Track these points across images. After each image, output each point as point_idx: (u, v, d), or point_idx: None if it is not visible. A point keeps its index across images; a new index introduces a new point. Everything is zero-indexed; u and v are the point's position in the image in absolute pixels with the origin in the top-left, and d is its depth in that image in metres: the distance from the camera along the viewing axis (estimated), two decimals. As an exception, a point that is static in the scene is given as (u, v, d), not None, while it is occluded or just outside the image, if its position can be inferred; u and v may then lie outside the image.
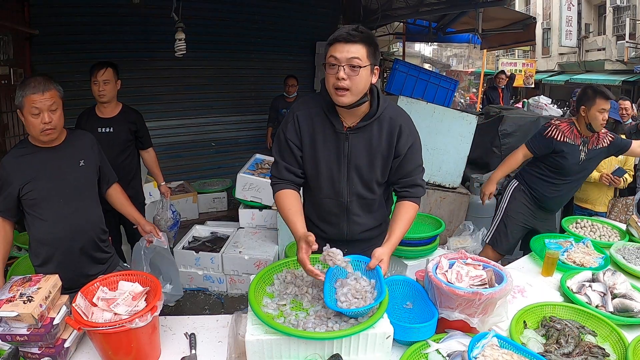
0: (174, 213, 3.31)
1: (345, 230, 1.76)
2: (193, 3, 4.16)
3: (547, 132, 2.64)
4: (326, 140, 1.61)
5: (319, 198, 1.72)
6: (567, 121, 2.67)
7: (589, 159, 2.65)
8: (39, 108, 1.68)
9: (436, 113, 4.23)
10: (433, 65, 22.53)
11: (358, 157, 1.61)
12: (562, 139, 2.61)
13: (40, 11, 4.31)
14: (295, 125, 1.62)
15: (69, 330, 1.44)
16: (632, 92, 13.71)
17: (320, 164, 1.64)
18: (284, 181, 1.66)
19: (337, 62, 1.44)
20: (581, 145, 2.62)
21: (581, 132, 2.62)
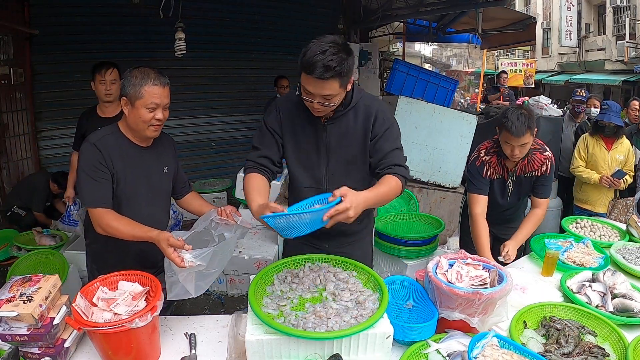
0: (175, 213, 3.31)
1: None
2: (193, 3, 4.16)
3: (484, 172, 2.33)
4: (306, 131, 1.66)
5: (301, 188, 1.73)
6: (495, 153, 2.33)
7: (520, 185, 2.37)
8: (158, 103, 1.63)
9: (436, 113, 4.24)
10: (433, 65, 22.52)
11: (337, 146, 1.66)
12: (493, 175, 2.34)
13: (40, 11, 4.31)
14: (278, 115, 1.67)
15: (69, 330, 1.44)
16: (632, 92, 13.69)
17: (301, 154, 1.68)
18: (258, 165, 1.65)
19: (311, 96, 1.49)
20: (509, 177, 2.35)
21: (507, 165, 2.32)
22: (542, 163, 2.28)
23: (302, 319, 1.36)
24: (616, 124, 3.50)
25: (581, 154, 3.71)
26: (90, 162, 1.59)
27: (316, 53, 1.41)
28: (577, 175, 3.73)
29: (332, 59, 1.41)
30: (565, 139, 4.48)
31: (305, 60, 1.43)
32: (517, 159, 2.23)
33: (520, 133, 2.08)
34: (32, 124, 4.47)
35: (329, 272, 1.60)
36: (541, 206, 2.35)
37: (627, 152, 3.59)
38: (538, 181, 2.33)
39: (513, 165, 2.31)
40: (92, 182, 1.58)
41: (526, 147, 2.16)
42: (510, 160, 2.25)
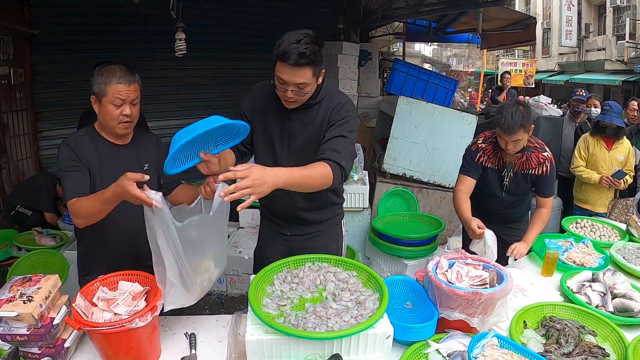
0: (175, 214, 3.31)
1: (287, 206, 1.83)
2: (193, 3, 4.16)
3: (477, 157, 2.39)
4: (274, 117, 1.73)
5: None
6: (492, 142, 2.37)
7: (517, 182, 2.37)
8: (123, 99, 1.63)
9: (436, 113, 4.24)
10: (433, 65, 22.54)
11: (297, 136, 1.72)
12: (486, 163, 2.38)
13: (40, 11, 4.31)
14: (251, 100, 1.76)
15: (69, 330, 1.44)
16: (632, 92, 13.69)
17: (266, 138, 1.75)
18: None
19: (285, 84, 1.55)
20: (505, 171, 2.36)
21: (504, 156, 2.34)
22: (540, 162, 2.29)
23: (302, 319, 1.36)
24: (617, 124, 3.50)
25: (581, 153, 3.71)
26: (65, 161, 1.60)
27: (291, 42, 1.49)
28: (577, 175, 3.74)
29: (306, 47, 1.48)
30: (565, 139, 4.48)
31: (280, 50, 1.50)
32: (511, 153, 2.26)
33: (512, 131, 2.13)
34: (32, 124, 4.47)
35: (329, 272, 1.60)
36: (546, 205, 2.39)
37: (627, 152, 3.59)
38: (539, 181, 2.34)
39: (510, 158, 2.33)
40: (68, 178, 1.59)
41: (520, 144, 2.20)
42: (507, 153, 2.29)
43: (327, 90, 1.73)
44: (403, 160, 4.22)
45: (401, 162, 4.22)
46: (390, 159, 4.21)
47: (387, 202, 4.07)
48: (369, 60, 6.87)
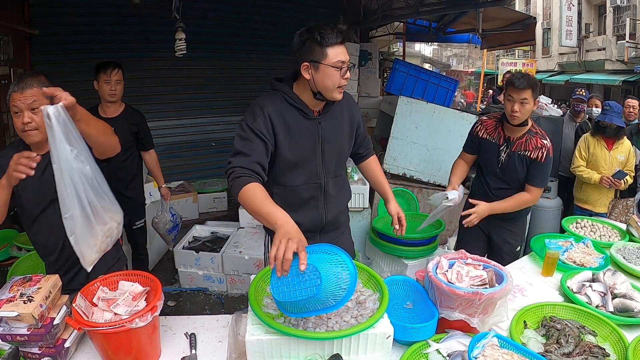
0: (174, 216, 3.30)
1: (323, 213, 1.84)
2: (193, 3, 4.16)
3: (474, 128, 2.55)
4: (300, 128, 1.68)
5: (294, 188, 1.75)
6: (495, 118, 2.49)
7: (513, 162, 2.38)
8: (19, 107, 1.57)
9: (436, 113, 4.23)
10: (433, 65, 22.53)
11: (330, 138, 1.75)
12: (483, 135, 2.47)
13: (40, 11, 4.31)
14: (266, 121, 1.61)
15: (69, 330, 1.44)
16: (632, 92, 13.68)
17: (299, 152, 1.70)
18: (252, 173, 1.54)
19: (344, 64, 1.60)
20: (503, 146, 2.40)
21: (505, 132, 2.40)
22: (537, 147, 2.33)
23: (303, 319, 1.35)
24: (617, 124, 3.50)
25: (582, 153, 3.71)
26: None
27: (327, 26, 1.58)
28: (578, 175, 3.74)
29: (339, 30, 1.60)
30: (566, 139, 4.48)
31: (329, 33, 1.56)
32: (516, 119, 2.26)
33: (522, 86, 2.20)
34: (33, 124, 4.47)
35: (329, 272, 1.60)
36: (532, 193, 2.38)
37: (627, 153, 3.59)
38: (533, 167, 2.34)
39: (511, 133, 2.38)
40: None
41: (526, 108, 2.23)
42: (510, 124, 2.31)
43: None
44: (403, 160, 4.22)
45: (401, 162, 4.22)
46: (390, 159, 4.21)
47: (387, 202, 4.06)
48: (369, 60, 6.87)
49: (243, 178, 1.51)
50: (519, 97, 2.22)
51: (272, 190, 1.72)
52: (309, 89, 1.65)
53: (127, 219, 3.11)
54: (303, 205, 1.78)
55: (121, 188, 2.99)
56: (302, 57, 1.59)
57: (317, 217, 1.83)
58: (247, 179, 1.51)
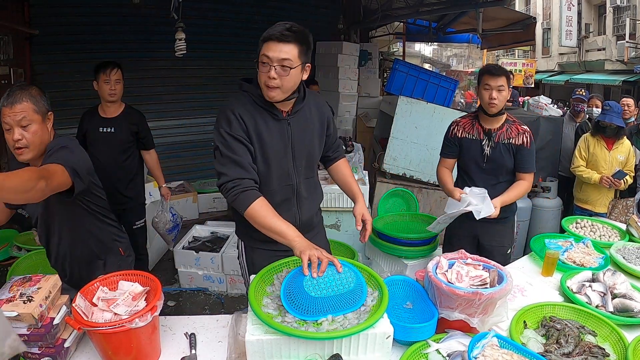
0: (174, 216, 3.30)
1: (297, 215, 1.79)
2: (193, 3, 4.16)
3: (450, 131, 2.50)
4: (270, 130, 1.64)
5: (270, 190, 1.69)
6: (469, 116, 2.49)
7: (499, 152, 2.36)
8: (10, 124, 1.49)
9: (436, 113, 4.24)
10: (433, 65, 22.53)
11: (300, 139, 1.72)
12: (462, 134, 2.44)
13: (40, 11, 4.31)
14: (240, 122, 1.59)
15: (69, 330, 1.44)
16: (632, 92, 13.69)
17: (270, 154, 1.66)
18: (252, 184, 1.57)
19: (269, 61, 1.51)
20: (484, 140, 2.38)
21: (483, 125, 2.40)
22: (519, 132, 2.37)
23: (304, 321, 1.35)
24: (617, 124, 3.50)
25: (582, 153, 3.71)
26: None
27: (278, 24, 1.53)
28: (578, 175, 3.74)
29: (292, 26, 1.52)
30: (566, 139, 4.48)
31: (267, 31, 1.52)
32: (494, 107, 2.29)
33: (497, 72, 2.27)
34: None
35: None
36: (527, 179, 2.41)
37: (627, 153, 3.59)
38: (520, 154, 2.36)
39: (489, 124, 2.38)
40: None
41: (503, 95, 2.27)
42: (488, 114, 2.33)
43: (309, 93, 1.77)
44: (403, 160, 4.22)
45: (401, 162, 4.22)
46: (390, 159, 4.21)
47: (387, 202, 4.06)
48: (369, 60, 6.87)
49: (248, 192, 1.55)
50: (496, 84, 2.25)
51: None
52: None
53: (127, 219, 3.12)
54: (276, 208, 1.65)
55: (121, 188, 2.99)
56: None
57: (290, 219, 1.71)
58: (253, 194, 1.55)
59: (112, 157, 2.92)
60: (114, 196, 2.97)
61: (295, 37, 1.51)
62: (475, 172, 2.44)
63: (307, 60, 1.59)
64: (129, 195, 3.03)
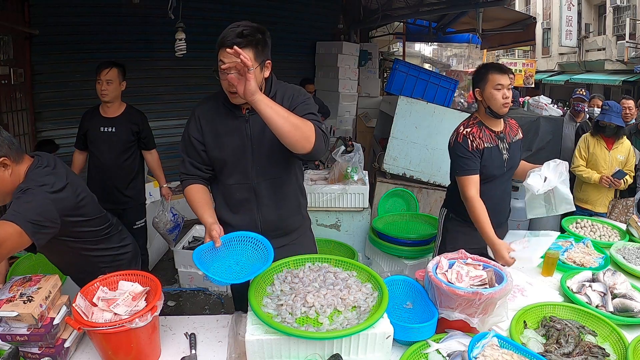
0: (175, 216, 3.30)
1: (257, 218, 1.74)
2: (193, 3, 4.16)
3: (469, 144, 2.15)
4: (228, 127, 1.66)
5: (228, 186, 1.73)
6: (476, 125, 2.20)
7: (515, 153, 2.25)
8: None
9: (436, 113, 4.24)
10: (433, 65, 22.51)
11: (261, 136, 1.64)
12: (482, 145, 2.15)
13: (40, 11, 4.31)
14: (196, 122, 1.70)
15: (69, 330, 1.44)
16: (632, 92, 13.68)
17: (226, 151, 1.67)
18: (191, 176, 1.73)
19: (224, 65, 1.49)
20: (500, 144, 2.19)
21: (493, 129, 2.19)
22: (517, 126, 2.31)
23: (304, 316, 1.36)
24: (617, 124, 3.50)
25: (582, 153, 3.71)
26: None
27: (230, 28, 1.50)
28: (578, 175, 3.73)
29: (244, 29, 1.49)
30: (566, 139, 4.48)
31: (220, 37, 1.50)
32: (508, 106, 2.12)
33: (507, 71, 2.13)
34: (32, 124, 4.47)
35: (329, 272, 1.60)
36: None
37: (627, 152, 3.59)
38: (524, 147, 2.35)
39: (497, 126, 2.21)
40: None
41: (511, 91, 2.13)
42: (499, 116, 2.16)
43: (278, 84, 1.69)
44: (403, 160, 4.22)
45: (401, 162, 4.22)
46: (390, 159, 4.21)
47: (387, 202, 4.07)
48: (369, 60, 6.87)
49: (184, 182, 1.74)
50: (507, 82, 2.10)
51: (214, 186, 1.80)
52: None
53: (128, 219, 3.12)
54: (238, 206, 1.74)
55: (122, 187, 2.99)
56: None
57: (252, 220, 1.73)
58: (187, 182, 1.73)
59: (112, 156, 2.92)
60: (114, 196, 2.98)
61: (249, 41, 1.47)
62: (495, 181, 2.22)
63: (266, 58, 1.57)
64: (129, 195, 3.03)
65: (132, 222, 3.13)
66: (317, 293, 1.46)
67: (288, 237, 1.82)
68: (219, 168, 1.73)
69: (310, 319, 1.37)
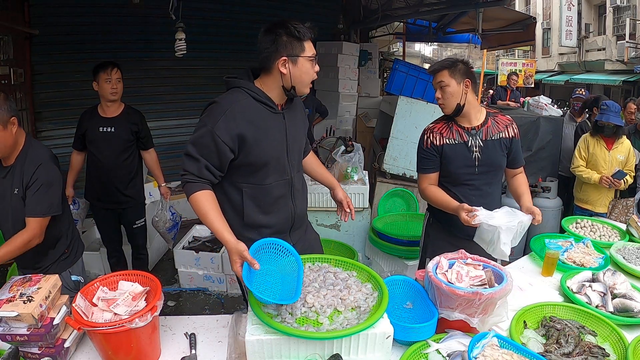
0: (174, 215, 3.31)
1: (291, 211, 1.80)
2: (193, 3, 4.16)
3: (424, 142, 2.11)
4: (268, 126, 1.65)
5: (265, 187, 1.70)
6: (443, 119, 2.14)
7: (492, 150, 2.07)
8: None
9: (436, 113, 4.19)
10: (433, 65, 22.48)
11: (294, 132, 1.76)
12: (441, 142, 2.07)
13: (40, 11, 4.31)
14: (229, 122, 1.56)
15: (69, 330, 1.44)
16: (632, 92, 13.70)
17: (267, 150, 1.66)
18: (201, 180, 1.59)
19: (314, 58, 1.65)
20: (470, 141, 2.06)
21: (463, 125, 2.08)
22: (507, 123, 2.12)
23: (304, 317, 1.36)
24: (615, 123, 3.50)
25: (581, 153, 3.71)
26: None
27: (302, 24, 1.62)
28: (578, 175, 3.74)
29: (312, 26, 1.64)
30: (566, 139, 4.48)
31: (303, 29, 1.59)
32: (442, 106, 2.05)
33: (434, 68, 2.04)
34: (32, 124, 4.47)
35: (329, 272, 1.60)
36: (522, 173, 2.22)
37: (627, 152, 3.59)
38: (513, 148, 2.12)
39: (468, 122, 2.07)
40: None
41: (446, 91, 1.99)
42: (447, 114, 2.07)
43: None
44: (403, 160, 4.22)
45: (401, 162, 4.22)
46: (390, 159, 4.21)
47: (387, 202, 4.07)
48: (369, 60, 6.87)
49: (193, 184, 1.58)
50: (435, 81, 2.04)
51: (242, 188, 1.69)
52: (277, 85, 1.64)
53: (128, 219, 3.12)
54: (273, 205, 1.73)
55: (122, 187, 2.99)
56: (278, 51, 1.57)
57: (287, 214, 1.79)
58: (197, 186, 1.58)
59: (112, 156, 2.92)
60: (114, 195, 2.98)
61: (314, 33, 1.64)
62: (467, 181, 2.09)
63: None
64: (129, 195, 3.03)
65: (132, 222, 3.13)
66: (317, 293, 1.47)
67: (303, 226, 1.94)
68: (255, 169, 1.66)
69: (310, 319, 1.37)
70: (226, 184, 1.69)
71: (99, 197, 3.02)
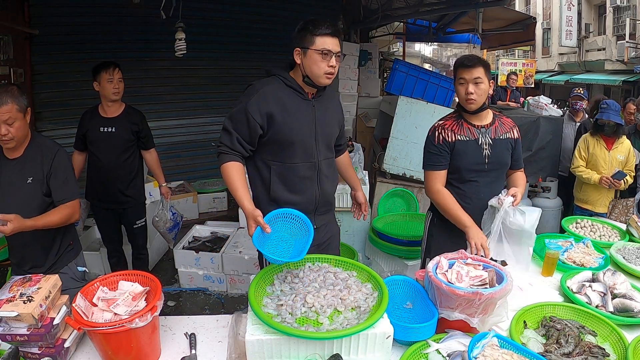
0: (174, 215, 3.30)
1: (317, 193, 1.92)
2: (193, 3, 4.16)
3: (435, 138, 2.11)
4: (297, 109, 1.81)
5: (292, 165, 1.85)
6: (452, 116, 2.17)
7: (500, 149, 2.11)
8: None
9: (436, 113, 4.23)
10: (433, 65, 22.55)
11: (323, 121, 1.89)
12: (452, 138, 2.08)
13: (40, 11, 4.31)
14: (259, 101, 1.76)
15: (69, 330, 1.44)
16: (632, 92, 13.69)
17: (294, 130, 1.80)
18: (233, 152, 1.78)
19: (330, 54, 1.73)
20: (481, 138, 2.09)
21: (473, 123, 2.11)
22: (512, 125, 2.18)
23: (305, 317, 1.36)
24: (615, 122, 3.50)
25: (581, 153, 3.71)
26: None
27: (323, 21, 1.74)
28: (578, 175, 3.74)
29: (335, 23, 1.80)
30: (566, 139, 4.48)
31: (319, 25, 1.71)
32: (473, 103, 2.03)
33: (472, 63, 2.00)
34: (32, 124, 4.45)
35: (329, 272, 1.60)
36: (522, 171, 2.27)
37: (627, 152, 3.59)
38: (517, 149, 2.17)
39: (482, 121, 2.12)
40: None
41: (481, 88, 2.00)
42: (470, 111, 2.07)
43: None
44: (403, 160, 4.22)
45: (401, 162, 4.22)
46: (390, 159, 4.21)
47: (387, 202, 4.07)
48: (369, 60, 6.87)
49: (226, 155, 1.77)
50: (471, 76, 2.00)
51: (271, 165, 1.85)
52: (300, 74, 1.81)
53: (128, 218, 3.12)
54: (299, 184, 1.87)
55: (122, 187, 2.99)
56: (295, 43, 1.76)
57: (312, 196, 1.91)
58: (228, 157, 1.77)
59: (112, 156, 2.92)
60: (114, 195, 2.98)
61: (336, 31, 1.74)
62: (476, 177, 2.11)
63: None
64: (129, 195, 3.03)
65: (132, 222, 3.13)
66: (317, 293, 1.47)
67: (328, 214, 2.06)
68: (284, 146, 1.81)
69: (310, 319, 1.37)
70: (258, 160, 1.87)
71: (99, 197, 3.02)
